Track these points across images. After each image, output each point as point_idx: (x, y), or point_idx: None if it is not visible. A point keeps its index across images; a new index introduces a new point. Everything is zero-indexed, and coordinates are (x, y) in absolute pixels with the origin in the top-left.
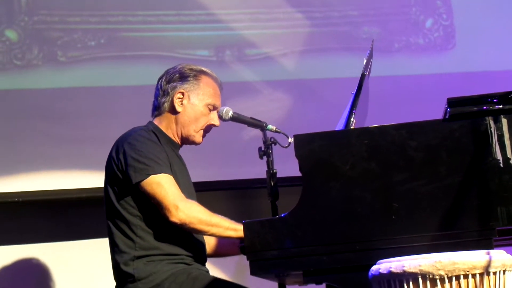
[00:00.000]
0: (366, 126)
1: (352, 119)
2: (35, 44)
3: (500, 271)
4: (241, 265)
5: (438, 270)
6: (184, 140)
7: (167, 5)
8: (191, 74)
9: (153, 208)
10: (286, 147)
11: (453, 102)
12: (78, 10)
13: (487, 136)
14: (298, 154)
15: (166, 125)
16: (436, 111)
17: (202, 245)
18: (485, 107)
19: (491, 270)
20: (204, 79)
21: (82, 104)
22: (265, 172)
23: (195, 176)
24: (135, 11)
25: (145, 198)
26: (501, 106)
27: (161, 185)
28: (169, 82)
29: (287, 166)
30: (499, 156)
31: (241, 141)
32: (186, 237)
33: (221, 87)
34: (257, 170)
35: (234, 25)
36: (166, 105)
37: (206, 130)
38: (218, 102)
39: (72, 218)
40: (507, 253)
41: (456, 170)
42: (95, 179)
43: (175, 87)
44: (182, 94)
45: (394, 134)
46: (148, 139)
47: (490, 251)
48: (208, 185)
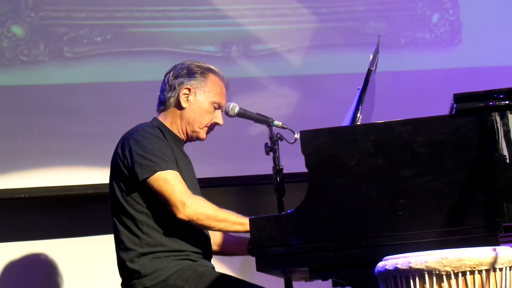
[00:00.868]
0: (372, 122)
1: (358, 115)
2: (41, 40)
3: (506, 268)
4: (247, 261)
5: (445, 266)
6: (188, 136)
7: (173, 0)
8: (199, 71)
9: (159, 204)
10: (293, 143)
11: (459, 98)
12: (84, 6)
13: (493, 132)
14: (304, 150)
15: (171, 120)
16: (442, 107)
17: (208, 241)
18: (491, 103)
19: (498, 266)
20: (211, 77)
21: (88, 100)
22: (271, 168)
23: (201, 172)
24: (141, 7)
25: (151, 195)
26: (507, 102)
27: (168, 181)
28: (176, 77)
29: (293, 162)
30: (505, 152)
31: (247, 137)
32: (192, 233)
33: (227, 87)
34: (263, 166)
35: (240, 20)
36: (172, 100)
37: (210, 128)
38: (223, 101)
39: (78, 214)
40: None
41: (462, 166)
42: (102, 175)
43: (182, 83)
44: (189, 90)
45: (400, 130)
46: (154, 135)
47: (496, 248)
48: (214, 181)
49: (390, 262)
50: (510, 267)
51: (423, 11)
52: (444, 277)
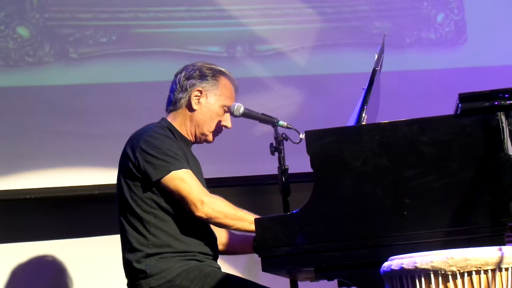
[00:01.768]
0: (377, 121)
1: (363, 115)
2: (47, 41)
3: None
4: (252, 261)
5: (450, 266)
6: (197, 138)
7: (178, 1)
8: (211, 74)
9: (167, 205)
10: (298, 143)
11: (464, 98)
12: (89, 7)
13: (499, 131)
14: (310, 150)
15: (180, 122)
16: (447, 107)
17: (215, 242)
18: (496, 102)
19: (503, 266)
20: (222, 80)
21: (93, 100)
22: (276, 168)
23: (207, 172)
24: (146, 7)
25: (161, 195)
26: None
27: (184, 180)
28: (188, 78)
29: (299, 162)
30: (511, 151)
31: (252, 137)
32: (199, 234)
33: (237, 90)
34: (268, 166)
35: (245, 20)
36: (183, 101)
37: (218, 131)
38: (232, 104)
39: (83, 215)
40: None
41: (467, 165)
42: (107, 176)
43: (194, 85)
44: (200, 92)
45: (405, 129)
46: (164, 136)
47: (502, 247)
48: (219, 181)
49: (396, 262)
50: None
51: (428, 11)
52: (450, 277)
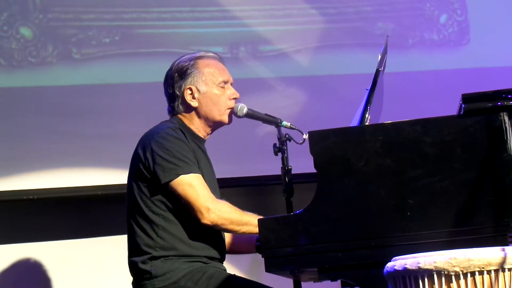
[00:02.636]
0: (380, 122)
1: (366, 115)
2: (50, 41)
3: None
4: (256, 262)
5: (453, 266)
6: (213, 128)
7: (181, 1)
8: (188, 66)
9: (177, 208)
10: (301, 144)
11: (467, 98)
12: (93, 7)
13: (502, 131)
14: (313, 151)
15: (189, 120)
16: (450, 107)
17: (222, 244)
18: (499, 103)
19: (506, 266)
20: (201, 63)
21: (96, 101)
22: (279, 168)
23: None
24: (149, 8)
25: (170, 198)
26: None
27: (192, 186)
28: (172, 85)
29: (302, 162)
30: None
31: (255, 137)
32: (207, 237)
33: (221, 60)
34: (271, 167)
35: (248, 21)
36: (181, 106)
37: (229, 107)
38: (226, 76)
39: (86, 216)
40: None
41: (470, 166)
42: (110, 176)
43: (181, 87)
44: (190, 89)
45: (408, 130)
46: (176, 138)
47: (505, 248)
48: (222, 181)
49: (399, 262)
50: None
51: (431, 12)
52: (453, 277)
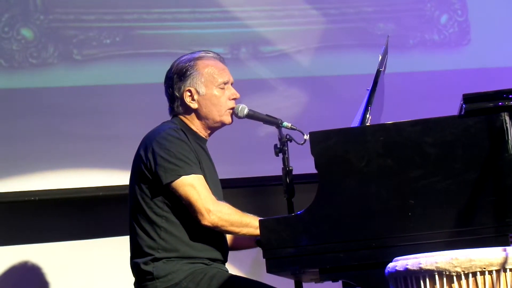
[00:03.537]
0: (381, 122)
1: (367, 116)
2: (51, 42)
3: None
4: (257, 262)
5: (455, 267)
6: (213, 128)
7: (182, 2)
8: (186, 68)
9: (179, 209)
10: (302, 144)
11: (468, 98)
12: (94, 8)
13: (503, 132)
14: (314, 151)
15: (190, 121)
16: (451, 107)
17: (224, 245)
18: (500, 103)
19: (508, 266)
20: (200, 64)
21: (97, 102)
22: (280, 169)
23: None
24: (150, 9)
25: (173, 199)
26: None
27: (193, 187)
28: (172, 87)
29: (303, 163)
30: None
31: (256, 138)
32: (209, 239)
33: (222, 60)
34: (272, 167)
35: (249, 22)
36: (181, 107)
37: (229, 108)
38: (226, 77)
39: (88, 217)
40: None
41: (471, 166)
42: (111, 177)
43: (180, 88)
44: (190, 91)
45: (409, 130)
46: (177, 138)
47: (507, 248)
48: (223, 182)
49: (400, 263)
50: None
51: (432, 12)
52: (454, 278)
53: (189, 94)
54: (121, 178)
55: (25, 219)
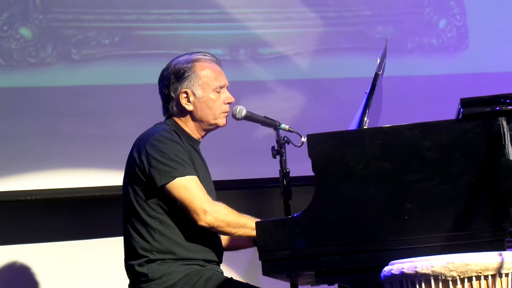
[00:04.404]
0: (379, 126)
1: (365, 119)
2: (49, 42)
3: None
4: (253, 265)
5: (451, 271)
6: (207, 130)
7: (181, 3)
8: (185, 69)
9: (173, 211)
10: (299, 147)
11: (466, 103)
12: (93, 8)
13: (500, 136)
14: (311, 154)
15: (184, 122)
16: (449, 111)
17: (219, 246)
18: (498, 108)
19: (503, 271)
20: (198, 67)
21: (96, 102)
22: (278, 171)
23: None
24: (149, 10)
25: (166, 201)
26: None
27: (188, 188)
28: (168, 87)
29: (300, 165)
30: None
31: (254, 140)
32: (204, 240)
33: (219, 63)
34: (270, 169)
35: (248, 24)
36: (176, 108)
37: (224, 111)
38: (222, 81)
39: (84, 217)
40: None
41: (468, 170)
42: (108, 178)
43: (176, 89)
44: (186, 93)
45: (407, 134)
46: (171, 140)
47: (503, 253)
48: (221, 183)
49: (396, 266)
50: None
51: (431, 16)
52: (450, 282)
53: (185, 95)
54: (118, 178)
55: (20, 219)
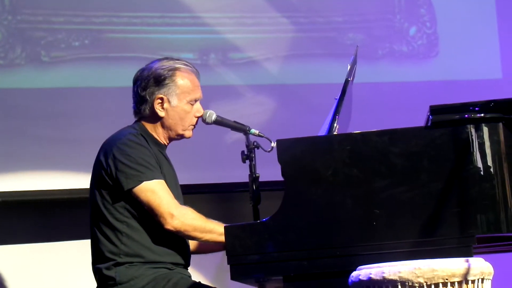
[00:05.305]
0: (349, 132)
1: (335, 125)
2: (18, 43)
3: (478, 279)
4: (222, 269)
5: (418, 277)
6: (173, 139)
7: (152, 7)
8: (166, 76)
9: (140, 215)
10: (269, 152)
11: (435, 110)
12: (63, 10)
13: (468, 144)
14: (281, 159)
15: (152, 127)
16: (418, 118)
17: (187, 249)
18: (466, 115)
19: (470, 278)
20: (179, 76)
21: (65, 104)
22: (247, 176)
23: (178, 178)
24: (120, 13)
25: (133, 204)
26: (482, 115)
27: (155, 192)
28: (145, 88)
29: (270, 170)
30: (480, 164)
31: (224, 144)
32: (171, 243)
33: (198, 76)
34: (239, 174)
35: (219, 28)
36: (147, 111)
37: (193, 124)
38: (198, 94)
39: (53, 220)
40: (486, 261)
41: (437, 177)
42: (78, 181)
43: (153, 93)
44: (161, 99)
45: (376, 140)
46: (137, 144)
47: (469, 259)
48: (190, 188)
49: (364, 272)
50: (482, 279)
51: (401, 24)
52: None
53: (160, 101)
54: (86, 181)
55: None
